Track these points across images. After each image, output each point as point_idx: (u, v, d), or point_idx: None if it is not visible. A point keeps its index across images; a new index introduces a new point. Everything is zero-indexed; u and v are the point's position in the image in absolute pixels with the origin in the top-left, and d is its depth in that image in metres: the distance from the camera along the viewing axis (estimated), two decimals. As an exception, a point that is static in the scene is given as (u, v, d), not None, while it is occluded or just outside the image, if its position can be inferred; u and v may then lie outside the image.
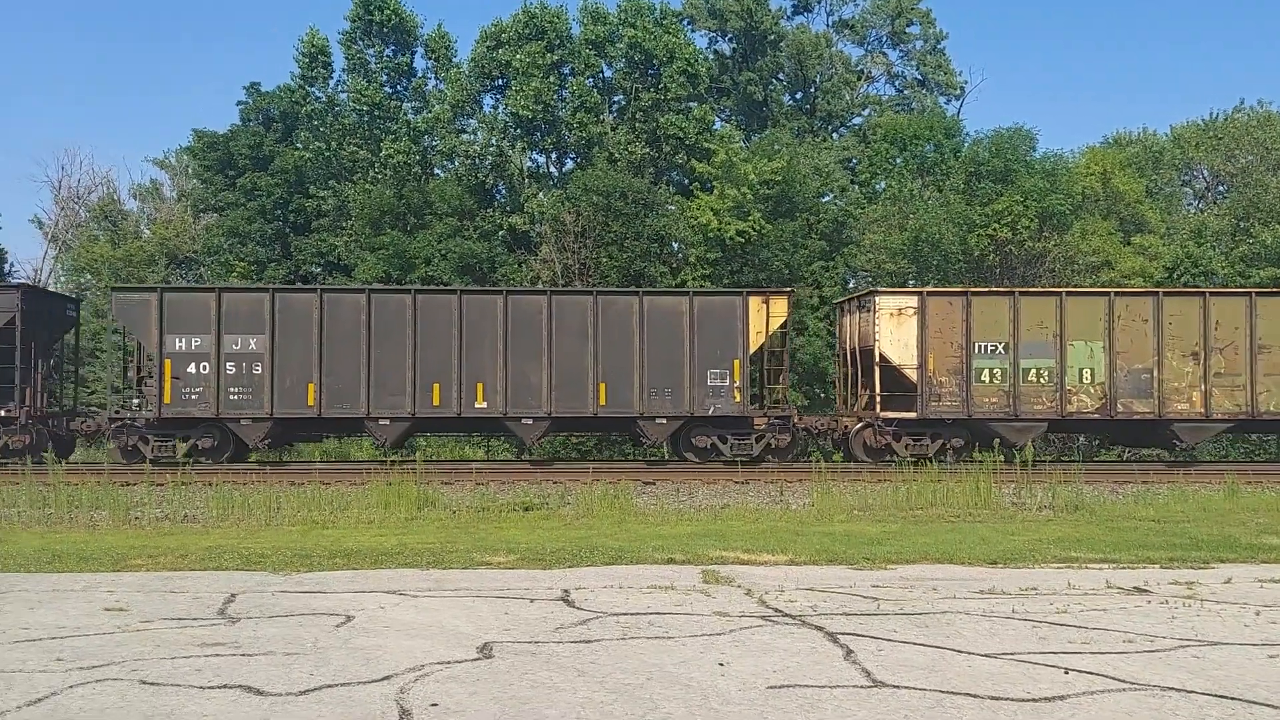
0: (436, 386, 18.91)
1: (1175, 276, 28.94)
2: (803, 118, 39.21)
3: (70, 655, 5.08)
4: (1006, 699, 4.39)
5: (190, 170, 39.06)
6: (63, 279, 38.11)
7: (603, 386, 19.11)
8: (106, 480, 13.53)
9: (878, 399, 19.69)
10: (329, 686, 4.52)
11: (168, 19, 79.73)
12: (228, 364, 18.52)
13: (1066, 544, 9.71)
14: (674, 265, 29.77)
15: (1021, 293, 20.04)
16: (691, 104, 32.57)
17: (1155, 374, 19.57)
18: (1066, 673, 4.82)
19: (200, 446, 18.61)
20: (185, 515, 12.38)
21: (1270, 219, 30.91)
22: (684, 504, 14.28)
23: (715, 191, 29.24)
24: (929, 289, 21.32)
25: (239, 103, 35.94)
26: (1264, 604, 6.64)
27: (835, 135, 39.66)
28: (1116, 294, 20.17)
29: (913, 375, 19.46)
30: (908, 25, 41.61)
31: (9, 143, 71.18)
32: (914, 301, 19.79)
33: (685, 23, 37.30)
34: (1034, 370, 19.55)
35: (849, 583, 7.41)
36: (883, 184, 34.14)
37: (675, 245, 30.35)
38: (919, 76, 42.09)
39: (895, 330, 19.66)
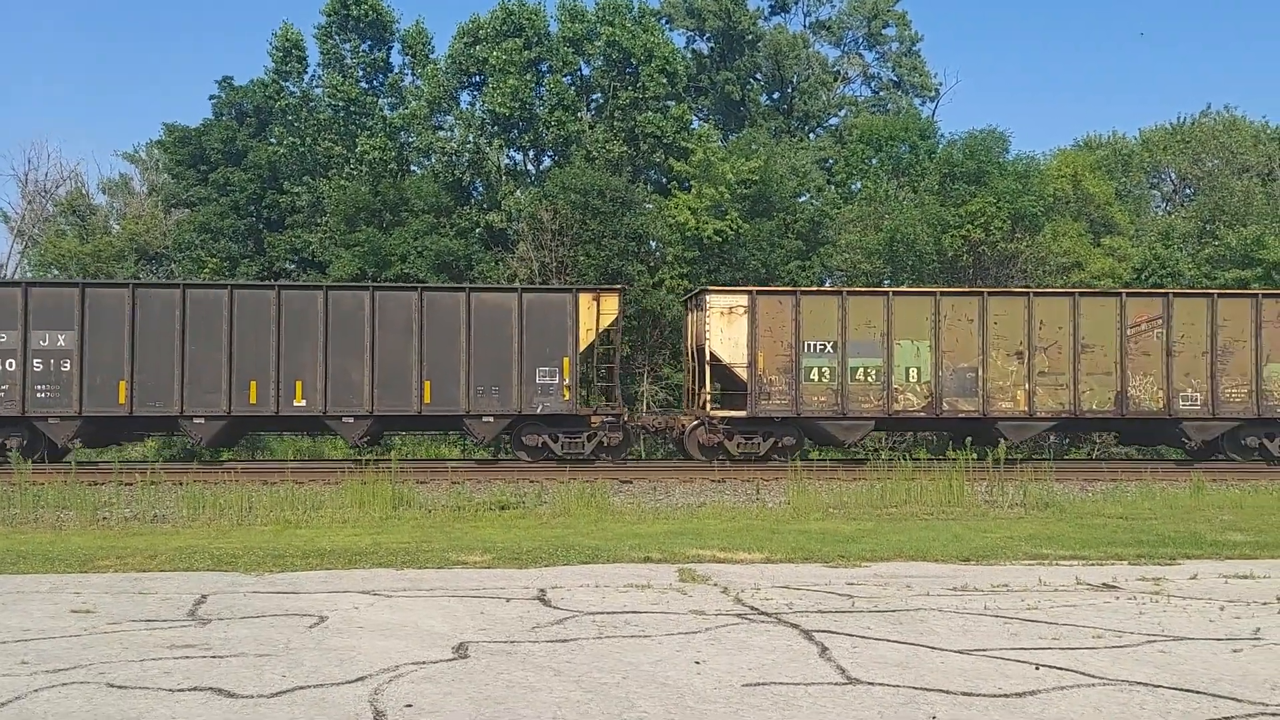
0: (254, 384, 18.73)
1: (1144, 277, 29.26)
2: (780, 118, 39.31)
3: (35, 658, 5.01)
4: (979, 695, 4.42)
5: (161, 165, 38.63)
6: (29, 275, 37.60)
7: (428, 384, 18.98)
8: (73, 480, 13.38)
9: (707, 397, 19.81)
10: (302, 688, 4.49)
11: (139, 11, 78.87)
12: (35, 361, 18.21)
13: (1037, 541, 9.80)
14: (652, 264, 29.77)
15: (849, 292, 20.12)
16: (669, 103, 32.57)
17: (980, 373, 19.69)
18: (1037, 668, 4.87)
19: (9, 446, 18.24)
20: (155, 515, 12.27)
21: (1235, 221, 31.29)
22: (660, 503, 14.30)
23: (693, 190, 29.27)
24: (759, 288, 21.33)
25: (211, 97, 35.55)
26: (1228, 599, 6.73)
27: (812, 135, 39.80)
28: (942, 294, 20.23)
29: (743, 374, 19.49)
30: (884, 27, 41.81)
31: (-24, 137, 70.16)
32: (744, 300, 19.77)
33: (663, 21, 37.31)
34: (862, 369, 19.64)
35: (824, 580, 7.45)
36: (858, 184, 34.29)
37: (653, 244, 30.34)
38: (894, 78, 42.31)
39: (726, 329, 19.66)
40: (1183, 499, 14.29)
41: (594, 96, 34.23)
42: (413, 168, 34.38)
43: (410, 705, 4.22)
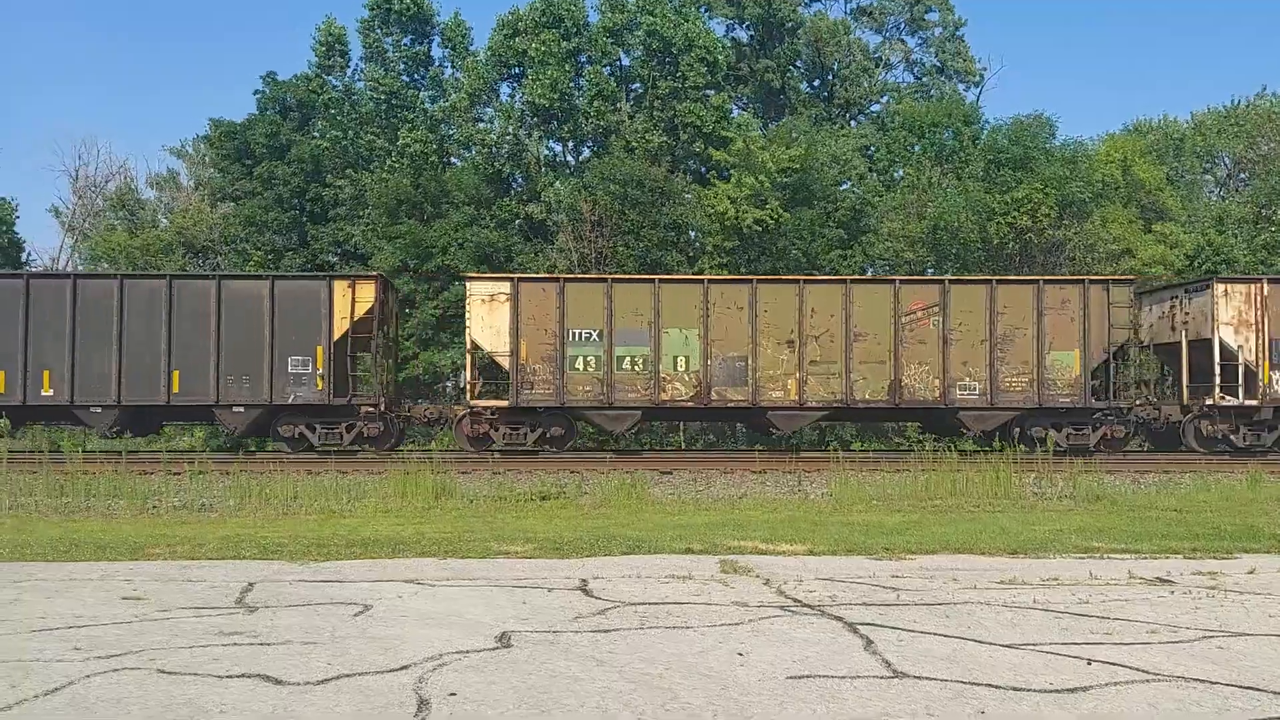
0: (2, 374, 18.90)
1: (1197, 265, 28.68)
2: (820, 105, 38.99)
3: (88, 644, 5.08)
4: (1029, 689, 4.34)
5: (207, 159, 39.19)
6: (81, 268, 38.36)
7: (176, 374, 18.99)
8: (124, 469, 13.61)
9: (474, 386, 19.75)
10: (347, 676, 4.51)
11: (184, 8, 80.00)
12: None
13: (1088, 534, 9.62)
14: (691, 254, 29.69)
15: (615, 280, 19.89)
16: (709, 92, 32.41)
17: (750, 362, 19.40)
18: (1089, 663, 4.76)
19: None
20: (202, 504, 12.44)
21: (1293, 206, 30.58)
22: (701, 493, 14.25)
23: (732, 180, 29.14)
24: (522, 274, 21.11)
25: (256, 92, 35.99)
26: (1290, 595, 6.55)
27: (853, 123, 39.43)
28: (711, 282, 19.95)
29: (506, 363, 19.30)
30: (926, 12, 41.29)
31: (27, 133, 71.67)
32: (507, 288, 19.58)
33: (703, 10, 37.12)
34: (629, 358, 19.42)
35: (868, 573, 7.37)
36: (901, 172, 33.94)
37: (692, 234, 30.26)
38: (937, 64, 41.77)
39: (488, 317, 19.48)
40: (1239, 491, 13.97)
41: (633, 87, 34.16)
42: (453, 160, 34.56)
43: (454, 694, 4.21)
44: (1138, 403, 21.25)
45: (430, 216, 30.58)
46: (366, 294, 19.69)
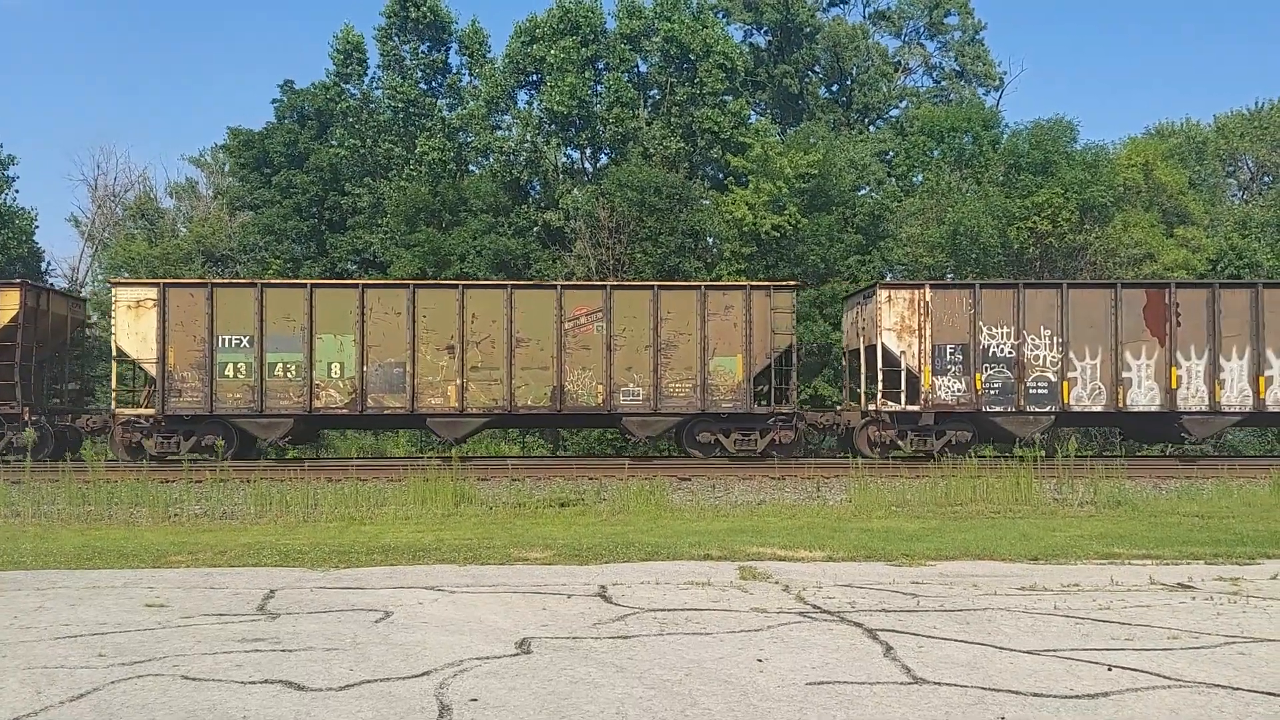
0: None
1: (1220, 269, 28.47)
2: (839, 110, 38.94)
3: (112, 651, 5.14)
4: (1049, 695, 4.32)
5: (226, 168, 39.50)
6: (100, 278, 38.72)
7: None
8: (145, 477, 13.72)
9: (118, 394, 19.50)
10: (369, 682, 4.54)
11: (202, 17, 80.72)
12: None
13: (1109, 540, 9.57)
14: (709, 260, 29.69)
15: (266, 285, 19.57)
16: (727, 98, 32.43)
17: (409, 368, 19.12)
18: (1110, 669, 4.74)
19: None
20: (224, 512, 12.53)
21: (1317, 209, 30.30)
22: (720, 500, 14.24)
23: (750, 185, 29.13)
24: (169, 280, 20.76)
25: (274, 100, 36.26)
26: (1314, 602, 6.49)
27: (872, 128, 39.34)
28: (367, 286, 19.65)
29: (154, 370, 18.99)
30: (945, 16, 41.19)
31: (46, 141, 72.40)
32: (153, 293, 19.17)
33: (720, 15, 37.14)
34: (281, 365, 19.10)
35: (888, 579, 7.35)
36: (920, 177, 33.84)
37: (710, 240, 30.25)
38: (957, 68, 41.65)
39: (134, 323, 19.11)
40: (1262, 497, 13.85)
41: (651, 93, 34.21)
42: (471, 168, 34.69)
43: (475, 700, 4.24)
44: (819, 409, 21.43)
45: (448, 224, 30.71)
46: (10, 301, 19.42)
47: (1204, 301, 19.87)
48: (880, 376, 19.99)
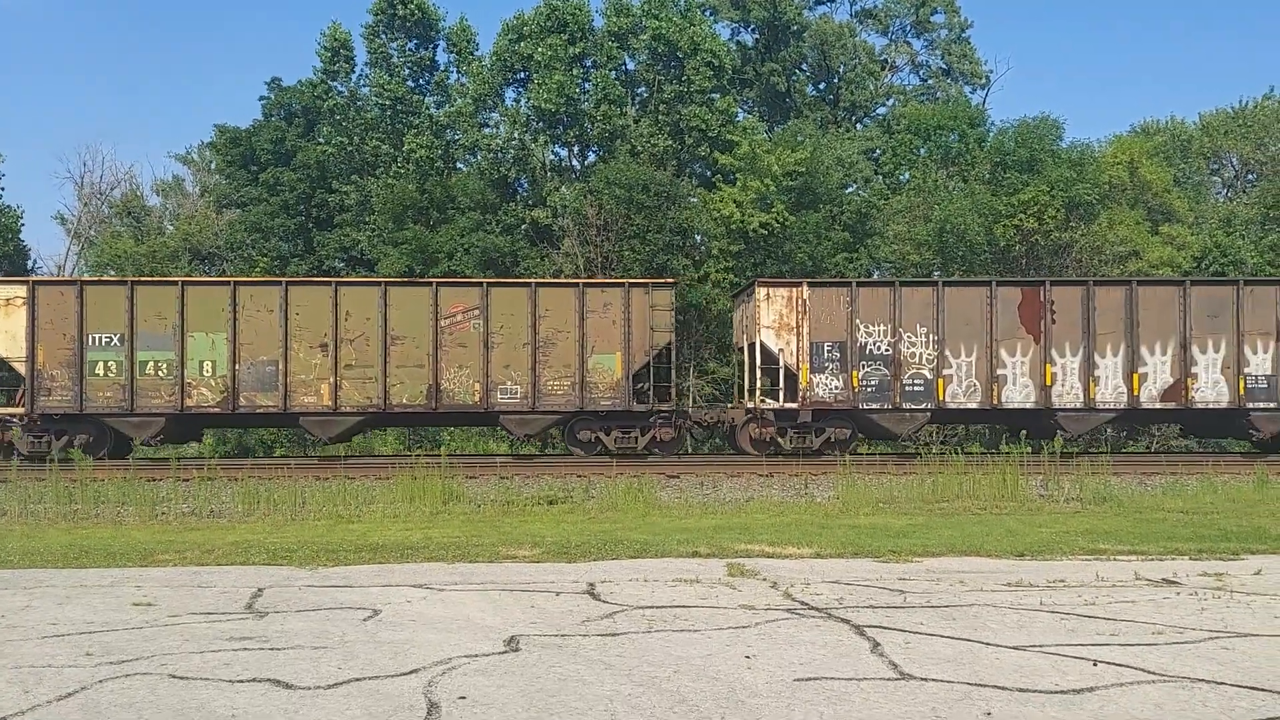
0: None
1: (1204, 266, 28.64)
2: (826, 108, 39.02)
3: (99, 650, 5.13)
4: (1035, 691, 4.35)
5: (213, 166, 39.35)
6: (86, 275, 38.53)
7: None
8: (132, 476, 13.66)
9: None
10: (357, 680, 4.54)
11: (189, 14, 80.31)
12: None
13: (1094, 536, 9.63)
14: (697, 258, 29.72)
15: (136, 282, 19.44)
16: (714, 95, 32.46)
17: (282, 366, 19.07)
18: (1095, 664, 4.78)
19: None
20: (211, 510, 12.49)
21: (1301, 206, 30.50)
22: (708, 497, 14.26)
23: (738, 183, 29.17)
24: (39, 278, 20.67)
25: (261, 98, 36.17)
26: (1297, 596, 6.55)
27: (859, 126, 39.45)
28: (238, 284, 19.58)
29: (23, 369, 18.96)
30: (932, 14, 41.31)
31: (33, 139, 71.94)
32: (23, 291, 19.09)
33: (707, 13, 37.17)
34: (153, 363, 19.02)
35: (875, 576, 7.38)
36: (907, 175, 33.94)
37: (698, 238, 30.29)
38: (943, 66, 41.80)
39: (3, 321, 19.04)
40: (1246, 493, 13.95)
41: (639, 91, 34.21)
42: (459, 165, 34.65)
43: (464, 697, 4.25)
44: (696, 406, 21.41)
45: (436, 222, 30.67)
46: None
47: (1079, 299, 19.96)
48: (759, 374, 20.01)
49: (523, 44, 33.05)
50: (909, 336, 19.85)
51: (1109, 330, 19.90)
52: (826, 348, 19.82)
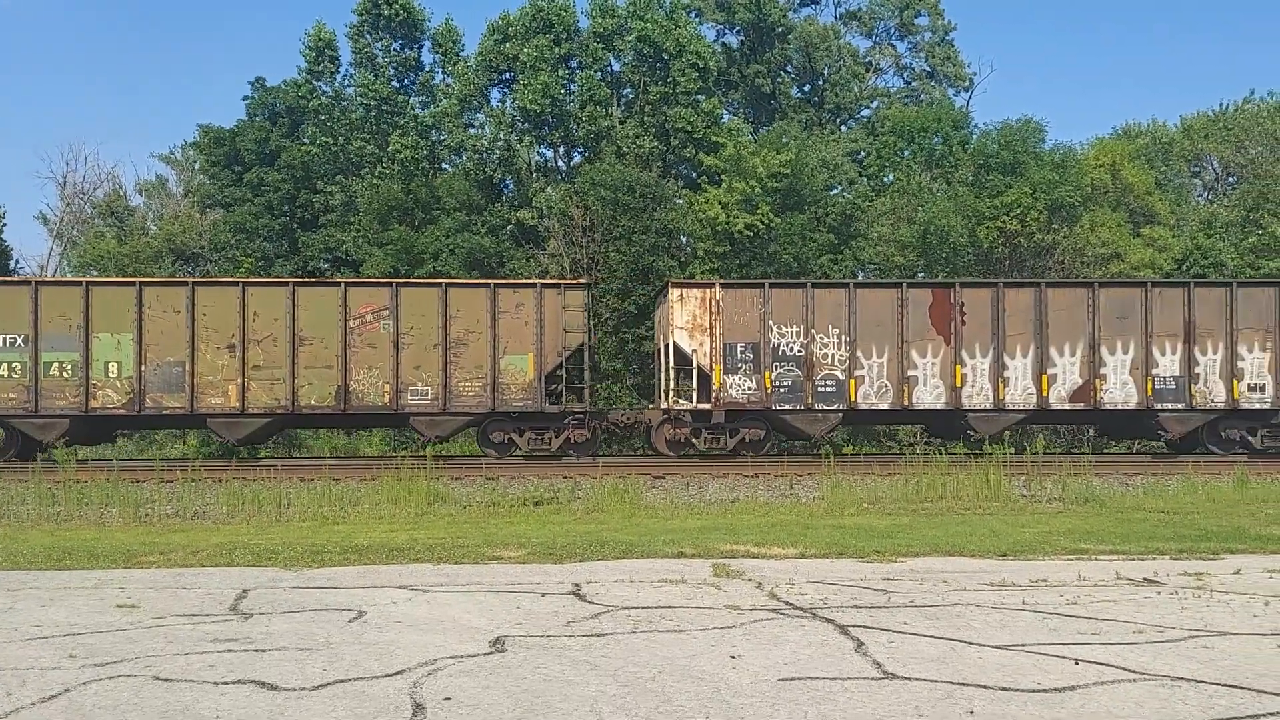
0: None
1: (1185, 268, 28.86)
2: (811, 110, 39.13)
3: (83, 652, 5.11)
4: (1017, 689, 4.39)
5: (197, 166, 39.16)
6: (69, 275, 38.25)
7: None
8: (116, 477, 13.58)
9: None
10: (342, 681, 4.54)
11: (173, 14, 79.89)
12: None
13: (1076, 536, 9.69)
14: (682, 259, 29.76)
15: (40, 283, 19.52)
16: (700, 97, 32.51)
17: (189, 367, 19.06)
18: (1077, 663, 4.82)
19: None
20: (195, 512, 12.43)
21: (1280, 210, 30.77)
22: (694, 498, 14.28)
23: (723, 185, 29.22)
24: None
25: (245, 98, 36.01)
26: (1273, 594, 6.63)
27: (843, 128, 39.58)
28: (144, 284, 19.56)
29: None
30: (916, 16, 41.49)
31: (14, 138, 71.40)
32: None
33: (693, 15, 37.23)
34: (57, 364, 18.98)
35: (859, 575, 7.42)
36: (891, 176, 34.07)
37: (684, 239, 30.32)
38: (927, 68, 41.97)
39: None
40: (1226, 493, 14.06)
41: (624, 92, 34.22)
42: (444, 166, 34.58)
43: (449, 698, 4.25)
44: (613, 406, 21.55)
45: (421, 223, 30.60)
46: None
47: (989, 300, 20.05)
48: (673, 375, 20.01)
49: (508, 44, 33.03)
50: (822, 338, 19.88)
51: (1019, 331, 19.98)
52: (740, 349, 19.83)
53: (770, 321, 19.86)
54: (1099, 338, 20.00)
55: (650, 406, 21.81)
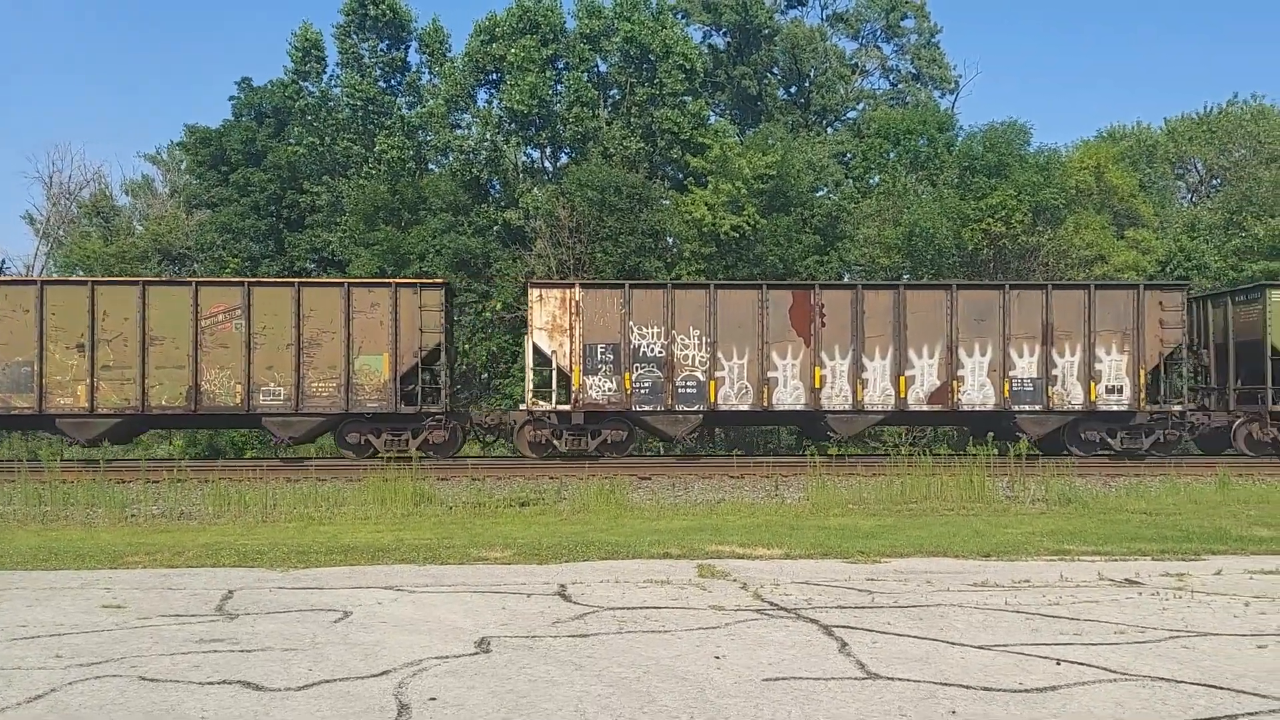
0: None
1: (1169, 270, 29.06)
2: (797, 112, 39.22)
3: (69, 652, 5.10)
4: (999, 689, 4.43)
5: (183, 166, 38.96)
6: (55, 275, 38.02)
7: None
8: (102, 477, 13.54)
9: None
10: (328, 681, 4.55)
11: (159, 13, 79.50)
12: None
13: (1059, 536, 9.76)
14: (669, 260, 29.79)
15: None
16: (686, 98, 32.54)
17: (37, 367, 18.96)
18: (1058, 663, 4.87)
19: None
20: (181, 512, 12.40)
21: (1263, 213, 31.02)
22: (679, 499, 14.32)
23: (710, 186, 29.26)
24: None
25: (231, 98, 35.83)
26: (1253, 595, 6.70)
27: (829, 129, 39.68)
28: None
29: None
30: (902, 19, 41.61)
31: (1, 138, 70.92)
32: None
33: (679, 16, 37.25)
34: None
35: (844, 576, 7.46)
36: (876, 178, 34.19)
37: (670, 240, 30.35)
38: (913, 70, 42.11)
39: None
40: (1208, 494, 14.18)
41: (611, 93, 34.23)
42: (430, 166, 34.52)
43: (434, 698, 4.27)
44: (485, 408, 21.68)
45: (408, 223, 30.53)
46: None
47: (848, 302, 20.04)
48: (532, 376, 19.99)
49: (495, 45, 32.98)
50: (682, 339, 19.82)
51: (878, 333, 19.97)
52: (600, 350, 19.76)
53: (631, 322, 19.75)
54: (957, 339, 19.96)
55: (516, 409, 21.64)
